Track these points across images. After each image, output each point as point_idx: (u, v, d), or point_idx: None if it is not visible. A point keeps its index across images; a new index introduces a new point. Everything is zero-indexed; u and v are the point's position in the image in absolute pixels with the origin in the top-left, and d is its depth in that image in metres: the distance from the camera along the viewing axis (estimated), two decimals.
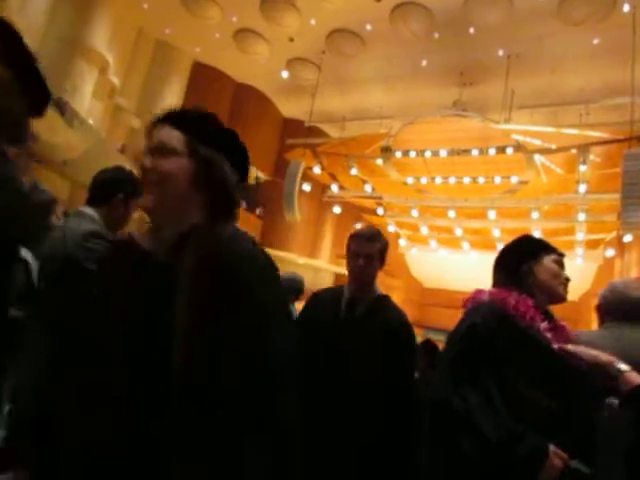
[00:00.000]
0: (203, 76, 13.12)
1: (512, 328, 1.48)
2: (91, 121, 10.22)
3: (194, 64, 13.19)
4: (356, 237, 2.08)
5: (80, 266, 1.66)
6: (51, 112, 8.74)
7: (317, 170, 11.84)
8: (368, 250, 2.02)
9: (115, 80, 11.45)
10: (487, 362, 1.45)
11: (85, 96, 10.36)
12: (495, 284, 1.73)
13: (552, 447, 1.35)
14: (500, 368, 1.44)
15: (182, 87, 13.17)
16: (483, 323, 1.51)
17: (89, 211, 1.90)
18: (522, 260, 1.66)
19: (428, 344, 4.61)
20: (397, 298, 16.24)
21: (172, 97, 13.03)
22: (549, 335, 1.54)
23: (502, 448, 1.35)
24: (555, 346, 1.51)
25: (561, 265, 1.64)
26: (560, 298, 1.63)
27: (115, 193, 1.89)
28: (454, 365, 1.52)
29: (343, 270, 15.52)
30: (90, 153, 9.36)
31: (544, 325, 1.54)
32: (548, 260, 1.64)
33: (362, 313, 2.04)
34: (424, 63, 10.95)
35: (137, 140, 12.68)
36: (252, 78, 13.39)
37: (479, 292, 1.70)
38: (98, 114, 11.31)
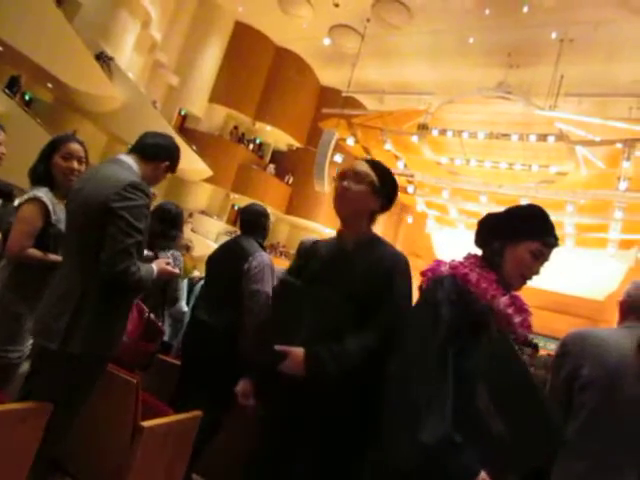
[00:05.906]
0: (244, 37, 12.95)
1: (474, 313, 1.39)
2: (131, 75, 10.19)
3: (236, 24, 13.00)
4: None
5: (114, 213, 1.68)
6: (94, 64, 8.74)
7: (350, 142, 11.68)
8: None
9: (156, 35, 11.37)
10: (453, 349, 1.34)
11: (126, 49, 10.33)
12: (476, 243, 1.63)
13: (483, 474, 1.24)
14: (461, 363, 1.33)
15: (222, 47, 13.04)
16: (448, 308, 1.39)
17: (129, 160, 1.90)
18: (498, 237, 1.54)
19: None
20: (420, 279, 16.12)
21: (211, 56, 12.92)
22: (510, 310, 1.45)
23: (436, 454, 1.24)
24: (516, 320, 1.44)
25: (539, 256, 1.47)
26: (512, 289, 1.51)
27: (164, 159, 2.00)
28: (433, 356, 1.36)
29: None
30: (128, 107, 9.36)
31: (504, 300, 1.45)
32: (524, 248, 1.48)
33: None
34: (471, 40, 10.54)
35: (173, 97, 12.67)
36: (293, 42, 13.14)
37: (439, 263, 1.58)
38: (138, 69, 11.28)
